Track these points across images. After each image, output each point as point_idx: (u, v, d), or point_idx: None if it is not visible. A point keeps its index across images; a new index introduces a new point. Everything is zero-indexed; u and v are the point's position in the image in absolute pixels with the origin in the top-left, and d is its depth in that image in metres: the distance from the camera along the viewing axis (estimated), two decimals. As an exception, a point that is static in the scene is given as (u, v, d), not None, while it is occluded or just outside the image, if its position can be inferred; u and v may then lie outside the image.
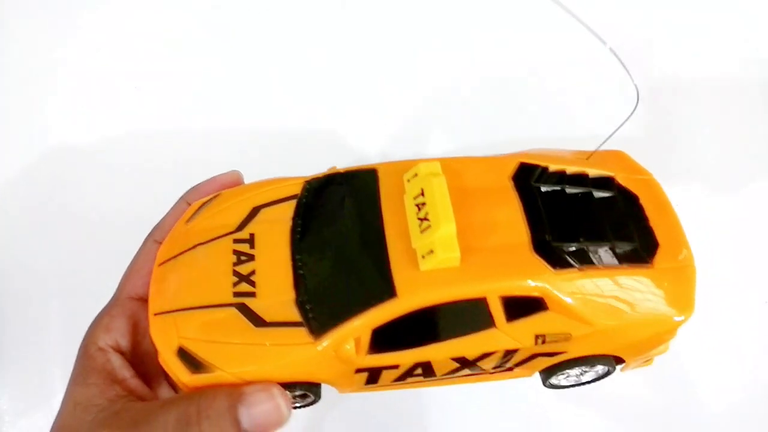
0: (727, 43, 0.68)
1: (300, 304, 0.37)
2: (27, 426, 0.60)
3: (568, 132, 0.60)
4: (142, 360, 0.40)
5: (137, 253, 0.44)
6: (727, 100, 0.66)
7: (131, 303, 0.41)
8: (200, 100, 0.65)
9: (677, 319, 0.39)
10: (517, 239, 0.37)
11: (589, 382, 0.44)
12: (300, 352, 0.36)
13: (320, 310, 0.37)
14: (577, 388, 0.44)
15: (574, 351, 0.39)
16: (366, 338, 0.36)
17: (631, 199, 0.42)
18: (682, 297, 0.39)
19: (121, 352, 0.40)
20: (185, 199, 0.45)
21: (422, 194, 0.37)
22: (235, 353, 0.37)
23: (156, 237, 0.44)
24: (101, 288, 0.54)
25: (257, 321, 0.37)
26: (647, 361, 0.43)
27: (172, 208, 0.45)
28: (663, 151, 0.61)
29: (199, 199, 0.44)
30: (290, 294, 0.38)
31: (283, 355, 0.36)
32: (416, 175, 0.38)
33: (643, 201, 0.42)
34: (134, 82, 0.66)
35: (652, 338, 0.40)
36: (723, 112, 0.66)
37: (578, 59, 0.61)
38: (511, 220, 0.38)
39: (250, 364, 0.36)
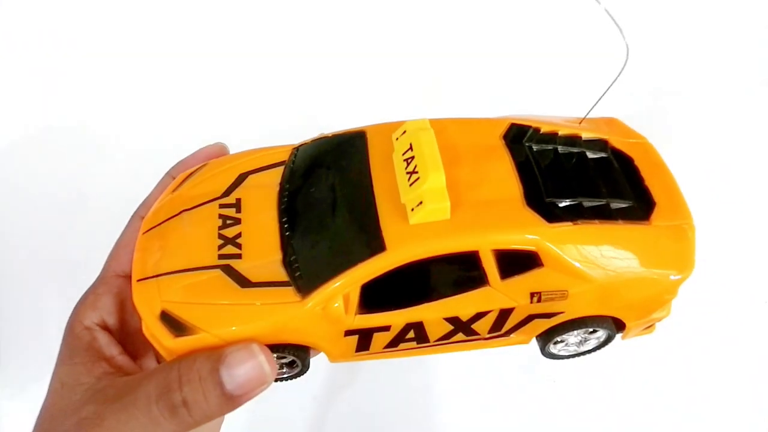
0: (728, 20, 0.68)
1: (287, 264, 0.36)
2: (28, 425, 0.58)
3: (560, 104, 0.59)
4: (130, 337, 0.39)
5: (123, 230, 0.43)
6: (727, 88, 0.66)
7: (118, 280, 0.40)
8: (187, 78, 0.64)
9: (676, 277, 0.37)
10: (509, 194, 0.36)
11: (589, 352, 0.42)
12: (287, 311, 0.35)
13: (308, 268, 0.36)
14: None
15: (571, 311, 0.38)
16: (355, 296, 0.35)
17: (625, 161, 0.41)
18: (680, 255, 0.38)
19: (108, 330, 0.39)
20: (170, 174, 0.44)
21: (411, 149, 0.36)
22: (219, 314, 0.35)
23: (141, 213, 0.43)
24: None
25: (243, 282, 0.36)
26: (649, 327, 0.42)
27: (157, 184, 0.44)
28: (667, 151, 0.61)
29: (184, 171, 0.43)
30: (277, 255, 0.37)
31: (270, 314, 0.35)
32: (404, 132, 0.38)
33: (638, 163, 0.41)
34: (118, 61, 0.65)
35: (652, 298, 0.38)
36: (723, 102, 0.65)
37: (571, 29, 0.61)
38: (502, 176, 0.37)
39: (235, 325, 0.35)
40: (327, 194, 0.38)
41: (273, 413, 0.44)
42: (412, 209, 0.35)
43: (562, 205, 0.37)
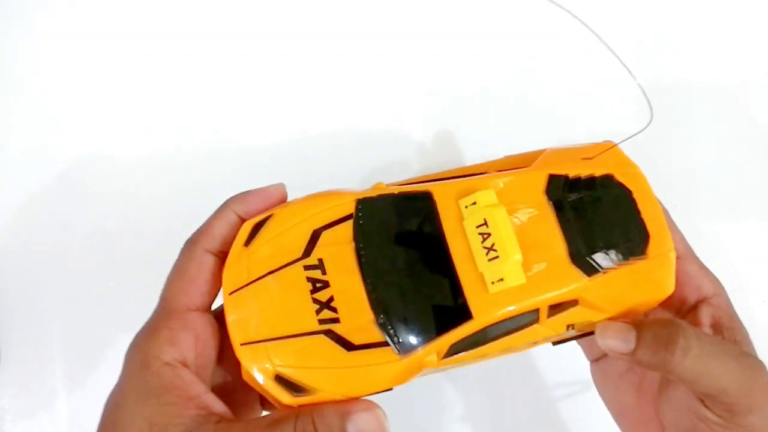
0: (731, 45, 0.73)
1: (381, 325, 0.42)
2: (29, 426, 0.60)
3: (572, 136, 0.65)
4: (201, 374, 0.42)
5: (184, 261, 0.44)
6: (732, 103, 0.71)
7: (190, 315, 0.42)
8: (225, 112, 0.62)
9: (661, 297, 0.49)
10: (558, 253, 0.45)
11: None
12: (390, 369, 0.42)
13: (403, 330, 0.42)
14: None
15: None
16: (444, 350, 0.43)
17: (627, 196, 0.50)
18: (665, 280, 0.48)
19: (187, 367, 0.41)
20: (231, 209, 0.45)
21: (485, 224, 0.42)
22: (333, 376, 0.41)
23: (206, 246, 0.44)
24: (101, 287, 0.54)
25: (347, 345, 0.42)
26: None
27: (216, 216, 0.45)
28: (662, 151, 0.66)
29: (246, 209, 0.45)
30: (369, 316, 0.42)
31: (376, 374, 0.42)
32: (474, 203, 0.43)
33: (635, 195, 0.50)
34: (161, 92, 0.61)
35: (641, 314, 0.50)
36: (722, 114, 0.71)
37: (584, 65, 0.65)
38: (550, 235, 0.45)
39: (348, 385, 0.42)
40: (405, 255, 0.44)
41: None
42: (493, 282, 0.42)
43: (594, 259, 0.46)
